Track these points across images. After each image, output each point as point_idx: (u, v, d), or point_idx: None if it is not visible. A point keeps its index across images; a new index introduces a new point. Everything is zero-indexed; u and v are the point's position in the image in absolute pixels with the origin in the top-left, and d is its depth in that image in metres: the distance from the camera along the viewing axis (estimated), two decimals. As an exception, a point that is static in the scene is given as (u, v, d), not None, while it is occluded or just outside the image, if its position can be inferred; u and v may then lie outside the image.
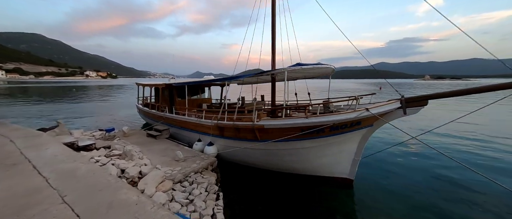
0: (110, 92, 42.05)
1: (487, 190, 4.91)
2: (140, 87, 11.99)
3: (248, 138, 5.52)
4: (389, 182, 5.28)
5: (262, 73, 5.44)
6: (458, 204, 4.47)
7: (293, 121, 4.56)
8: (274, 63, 6.79)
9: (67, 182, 3.02)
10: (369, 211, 4.44)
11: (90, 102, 24.53)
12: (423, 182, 5.42)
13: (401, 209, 4.33)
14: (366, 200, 4.77)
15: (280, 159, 5.35)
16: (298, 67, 4.77)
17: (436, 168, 6.25)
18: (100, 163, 4.64)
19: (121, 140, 7.14)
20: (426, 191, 4.98)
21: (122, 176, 4.20)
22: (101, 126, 11.91)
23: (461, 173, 5.75)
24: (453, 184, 5.34)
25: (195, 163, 5.53)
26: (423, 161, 6.77)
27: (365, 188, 5.10)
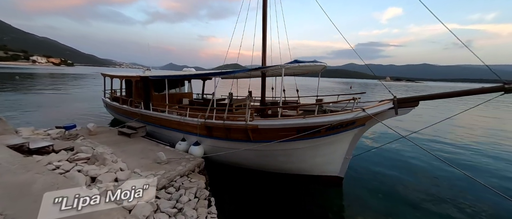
0: (66, 82, 36.46)
1: (471, 188, 5.20)
2: (108, 78, 10.50)
3: (240, 139, 5.22)
4: (377, 180, 5.57)
5: (259, 68, 5.15)
6: (444, 202, 4.78)
7: (289, 122, 4.42)
8: (264, 59, 6.54)
9: (19, 204, 2.31)
10: (357, 208, 4.63)
11: (40, 93, 20.78)
12: (410, 180, 5.68)
13: (388, 206, 4.59)
14: (355, 198, 4.97)
15: (273, 159, 5.20)
16: (295, 64, 4.62)
17: (424, 167, 6.49)
18: (62, 170, 3.78)
19: (86, 140, 6.09)
20: (413, 189, 5.26)
21: (92, 185, 3.51)
22: (58, 122, 10.12)
23: (448, 172, 6.06)
24: (441, 182, 5.63)
25: (181, 165, 5.02)
26: (411, 160, 7.01)
27: (354, 185, 5.31)
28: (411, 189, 5.28)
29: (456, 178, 5.77)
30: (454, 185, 5.53)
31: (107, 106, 11.13)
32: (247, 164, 5.69)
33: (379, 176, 5.82)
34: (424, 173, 6.17)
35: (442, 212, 4.45)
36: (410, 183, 5.58)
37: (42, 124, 9.42)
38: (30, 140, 4.70)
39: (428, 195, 5.06)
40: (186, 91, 10.28)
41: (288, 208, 4.58)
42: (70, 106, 14.80)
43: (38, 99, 16.97)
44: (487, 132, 11.79)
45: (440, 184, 5.63)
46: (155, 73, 8.83)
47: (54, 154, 4.18)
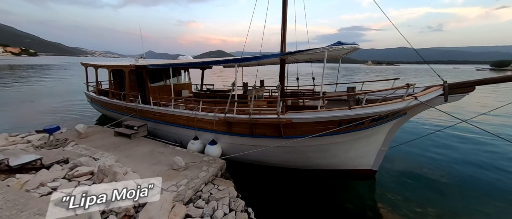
0: (31, 74, 32.12)
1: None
2: (91, 69, 8.99)
3: (267, 134, 4.60)
4: (415, 174, 5.23)
5: (297, 52, 4.38)
6: (495, 199, 4.26)
7: (331, 114, 3.86)
8: (284, 43, 5.76)
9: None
10: (390, 203, 4.36)
11: (1, 89, 17.94)
12: (453, 177, 5.12)
13: (425, 201, 4.31)
14: (388, 192, 4.70)
15: (303, 155, 4.70)
16: (339, 46, 3.94)
17: (470, 162, 5.74)
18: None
19: (79, 145, 5.06)
20: (455, 188, 4.75)
21: (108, 211, 2.73)
22: (34, 123, 8.65)
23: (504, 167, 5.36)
24: (491, 181, 4.90)
25: (202, 170, 4.34)
26: (454, 152, 6.26)
27: (388, 179, 5.04)
28: (451, 184, 4.87)
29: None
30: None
31: (92, 101, 9.71)
32: (271, 161, 5.15)
33: (417, 168, 5.47)
34: (468, 168, 5.49)
35: (491, 210, 4.03)
36: (451, 177, 5.09)
37: (15, 128, 7.97)
38: (6, 152, 3.63)
39: (473, 191, 4.60)
40: (186, 82, 9.23)
41: (320, 204, 4.29)
42: (42, 103, 12.87)
43: (2, 96, 14.57)
44: None
45: (490, 179, 4.96)
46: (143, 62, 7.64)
47: (46, 171, 3.23)
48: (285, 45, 5.78)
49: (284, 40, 5.70)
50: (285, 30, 5.66)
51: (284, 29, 5.64)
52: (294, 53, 4.47)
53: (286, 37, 5.72)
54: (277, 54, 4.90)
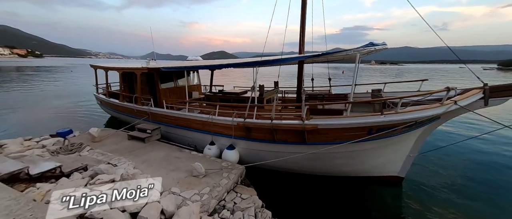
0: (38, 76, 32.47)
1: None
2: (101, 71, 8.92)
3: (289, 141, 4.41)
4: (444, 182, 4.94)
5: (325, 54, 4.18)
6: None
7: (362, 120, 3.65)
8: (303, 45, 5.56)
9: None
10: (416, 213, 4.14)
11: (9, 91, 18.08)
12: (488, 188, 4.69)
13: (454, 214, 4.06)
14: (415, 201, 4.46)
15: (328, 163, 4.50)
16: (372, 48, 3.74)
17: (509, 173, 5.25)
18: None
19: (94, 150, 4.93)
20: (488, 200, 4.38)
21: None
22: (44, 126, 8.60)
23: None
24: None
25: (223, 177, 4.17)
26: (493, 162, 5.70)
27: (416, 187, 4.80)
28: (484, 196, 4.50)
29: None
30: None
31: (101, 104, 9.64)
32: (291, 167, 4.95)
33: (447, 177, 5.17)
34: (506, 179, 5.07)
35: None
36: (485, 189, 4.70)
37: (26, 130, 7.93)
38: (25, 159, 3.49)
39: (510, 206, 4.21)
40: (195, 83, 9.09)
41: (345, 212, 4.13)
42: (50, 105, 12.88)
43: (11, 98, 14.66)
44: None
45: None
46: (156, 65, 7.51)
47: (66, 180, 3.10)
48: (304, 46, 5.59)
49: (302, 42, 5.51)
50: (304, 31, 5.47)
51: (303, 30, 5.46)
52: (324, 55, 4.28)
53: (304, 38, 5.53)
54: (304, 56, 4.69)
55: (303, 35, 5.46)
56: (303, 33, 5.46)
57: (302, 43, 5.51)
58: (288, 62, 4.65)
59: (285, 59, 4.58)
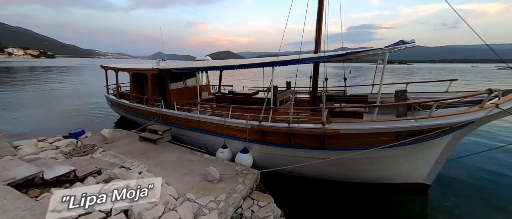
0: (50, 76, 33.38)
1: None
2: (111, 72, 8.93)
3: (308, 145, 4.20)
4: (474, 193, 4.61)
5: (353, 53, 3.93)
6: None
7: (390, 125, 3.40)
8: (319, 44, 5.33)
9: None
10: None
11: (23, 90, 18.57)
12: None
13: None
14: (441, 211, 4.17)
15: (349, 169, 4.26)
16: (402, 46, 3.48)
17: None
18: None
19: (107, 152, 4.87)
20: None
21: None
22: (55, 126, 8.69)
23: None
24: None
25: (239, 183, 4.00)
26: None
27: (443, 195, 4.49)
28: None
29: None
30: None
31: (112, 104, 9.68)
32: (309, 172, 4.73)
33: (478, 187, 4.82)
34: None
35: None
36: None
37: (40, 130, 8.03)
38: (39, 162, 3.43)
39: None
40: (204, 83, 8.97)
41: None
42: (63, 104, 13.10)
43: (24, 97, 15.03)
44: None
45: None
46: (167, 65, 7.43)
47: (80, 185, 3.01)
48: (320, 46, 5.36)
49: (319, 41, 5.28)
50: (321, 30, 5.24)
51: (319, 28, 5.23)
52: (348, 55, 4.04)
53: (321, 37, 5.30)
54: (327, 56, 4.41)
55: (319, 34, 5.24)
56: (320, 32, 5.23)
57: (318, 43, 5.28)
58: (307, 62, 4.42)
59: (304, 60, 4.37)
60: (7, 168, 2.96)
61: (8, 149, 4.07)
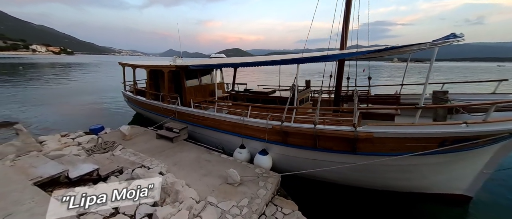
0: (69, 71, 35.01)
1: None
2: (129, 69, 9.04)
3: (334, 149, 3.91)
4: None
5: (387, 49, 3.59)
6: None
7: (434, 129, 3.05)
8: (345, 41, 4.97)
9: None
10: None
11: (46, 85, 19.53)
12: None
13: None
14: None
15: (380, 176, 3.93)
16: (454, 39, 3.07)
17: None
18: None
19: (126, 149, 4.86)
20: None
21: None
22: (75, 121, 8.97)
23: None
24: None
25: (260, 187, 3.81)
26: None
27: (487, 210, 4.03)
28: None
29: None
30: None
31: (128, 101, 9.83)
32: (333, 178, 4.44)
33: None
34: None
35: None
36: None
37: (61, 124, 8.30)
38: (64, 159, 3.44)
39: None
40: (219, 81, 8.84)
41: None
42: (82, 100, 13.57)
43: (45, 92, 15.76)
44: None
45: None
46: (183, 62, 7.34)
47: (104, 185, 2.95)
48: (346, 42, 4.99)
49: (345, 37, 4.92)
50: (348, 25, 4.87)
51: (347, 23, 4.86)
52: (388, 50, 3.67)
53: (348, 34, 4.93)
54: (362, 52, 4.04)
55: (346, 30, 4.87)
56: (347, 27, 4.86)
57: (344, 39, 4.91)
58: (337, 59, 4.08)
59: (335, 56, 4.03)
60: (34, 165, 2.98)
61: (34, 145, 4.16)
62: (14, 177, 2.44)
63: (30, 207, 1.92)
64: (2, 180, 2.38)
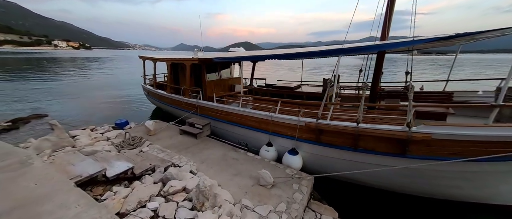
0: (88, 66, 36.46)
1: None
2: (149, 62, 9.02)
3: (378, 150, 3.53)
4: None
5: (458, 36, 3.10)
6: None
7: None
8: (388, 29, 4.44)
9: None
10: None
11: (68, 78, 20.42)
12: None
13: None
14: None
15: (433, 183, 3.51)
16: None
17: None
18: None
19: (154, 145, 4.81)
20: None
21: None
22: (99, 114, 9.20)
23: None
24: None
25: (295, 190, 3.56)
26: None
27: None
28: None
29: None
30: None
31: (148, 94, 9.91)
32: (374, 182, 4.07)
33: None
34: None
35: None
36: None
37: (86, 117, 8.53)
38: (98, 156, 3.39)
39: None
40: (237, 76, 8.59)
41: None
42: (102, 93, 13.98)
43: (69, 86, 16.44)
44: None
45: None
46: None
47: (141, 186, 2.86)
48: (389, 31, 4.47)
49: (388, 26, 4.39)
50: (392, 13, 4.34)
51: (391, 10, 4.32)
52: (457, 38, 3.17)
53: (391, 21, 4.40)
54: (424, 39, 3.52)
55: (389, 18, 4.34)
56: (391, 15, 4.33)
57: (387, 27, 4.39)
58: (388, 49, 3.59)
59: (385, 45, 3.55)
60: (71, 162, 2.94)
61: (68, 140, 4.20)
62: (56, 175, 2.38)
63: (76, 212, 1.82)
64: (45, 178, 2.32)
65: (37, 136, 5.17)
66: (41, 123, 7.66)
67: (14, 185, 2.16)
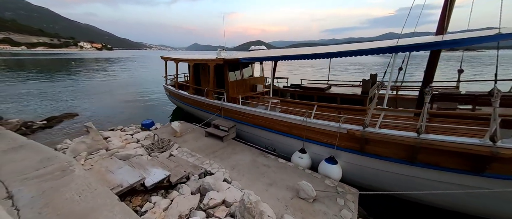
0: (110, 66, 38.39)
1: None
2: (171, 63, 9.02)
3: (444, 165, 3.02)
4: None
5: None
6: None
7: None
8: (447, 23, 3.85)
9: None
10: None
11: (94, 78, 21.52)
12: None
13: None
14: None
15: (508, 205, 2.92)
16: None
17: None
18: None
19: (182, 149, 4.66)
20: None
21: None
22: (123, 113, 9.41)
23: None
24: None
25: (339, 204, 3.18)
26: None
27: None
28: None
29: None
30: None
31: (170, 94, 9.96)
32: (431, 199, 3.50)
33: None
34: None
35: None
36: None
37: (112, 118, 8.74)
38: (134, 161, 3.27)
39: None
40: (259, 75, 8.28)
41: None
42: (126, 92, 14.44)
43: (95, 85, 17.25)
44: None
45: None
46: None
47: (179, 197, 2.67)
48: (448, 26, 3.88)
49: (448, 19, 3.80)
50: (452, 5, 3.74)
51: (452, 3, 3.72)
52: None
53: (451, 14, 3.80)
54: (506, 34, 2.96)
55: (450, 11, 3.75)
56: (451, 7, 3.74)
57: (447, 22, 3.80)
58: (467, 45, 3.02)
59: (456, 42, 3.00)
60: (110, 169, 2.85)
61: (102, 142, 4.20)
62: (98, 186, 2.24)
63: (114, 207, 1.64)
64: (88, 190, 2.20)
65: (70, 134, 5.30)
66: (72, 122, 7.97)
67: (58, 196, 2.05)
